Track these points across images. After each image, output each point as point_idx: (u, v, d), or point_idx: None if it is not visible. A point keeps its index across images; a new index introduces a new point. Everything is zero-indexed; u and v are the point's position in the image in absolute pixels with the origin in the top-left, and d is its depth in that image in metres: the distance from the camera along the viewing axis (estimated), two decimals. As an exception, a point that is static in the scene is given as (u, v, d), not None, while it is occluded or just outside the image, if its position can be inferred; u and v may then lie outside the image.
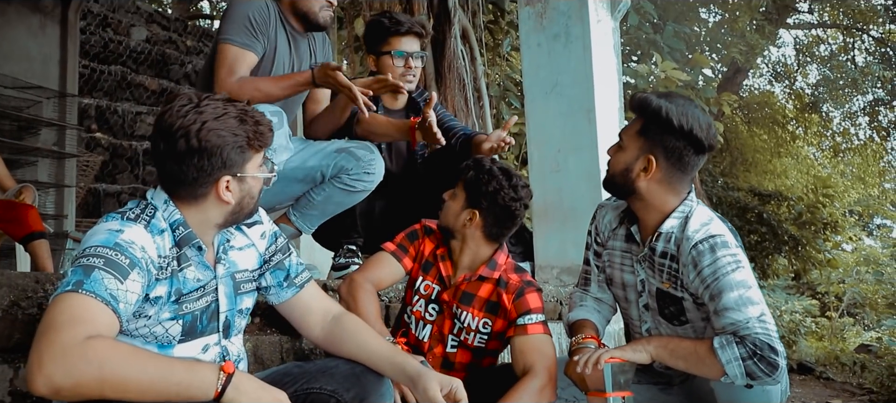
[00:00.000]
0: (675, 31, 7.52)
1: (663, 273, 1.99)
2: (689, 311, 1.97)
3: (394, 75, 2.84)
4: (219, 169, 1.50)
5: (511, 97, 7.23)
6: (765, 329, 1.80)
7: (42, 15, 6.06)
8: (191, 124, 1.46)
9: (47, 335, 1.24)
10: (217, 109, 1.50)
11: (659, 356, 1.92)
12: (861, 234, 16.38)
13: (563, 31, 3.95)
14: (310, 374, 1.63)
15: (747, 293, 1.84)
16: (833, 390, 5.36)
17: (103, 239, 1.40)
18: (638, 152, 1.98)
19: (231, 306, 1.63)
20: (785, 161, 14.63)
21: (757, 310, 1.82)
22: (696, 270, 1.88)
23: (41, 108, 5.92)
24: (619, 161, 2.02)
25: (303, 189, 2.61)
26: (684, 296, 1.96)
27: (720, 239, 1.89)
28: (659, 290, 2.01)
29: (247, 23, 2.45)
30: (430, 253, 2.18)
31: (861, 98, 13.92)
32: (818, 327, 12.93)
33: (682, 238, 1.93)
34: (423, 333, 2.16)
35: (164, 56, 8.66)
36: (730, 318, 1.82)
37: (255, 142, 1.53)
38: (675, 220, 1.98)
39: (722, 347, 1.81)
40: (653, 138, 1.96)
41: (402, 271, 2.17)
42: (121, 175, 7.16)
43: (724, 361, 1.79)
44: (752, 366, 1.77)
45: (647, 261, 2.04)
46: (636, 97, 2.03)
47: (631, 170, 1.99)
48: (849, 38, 13.62)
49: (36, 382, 1.20)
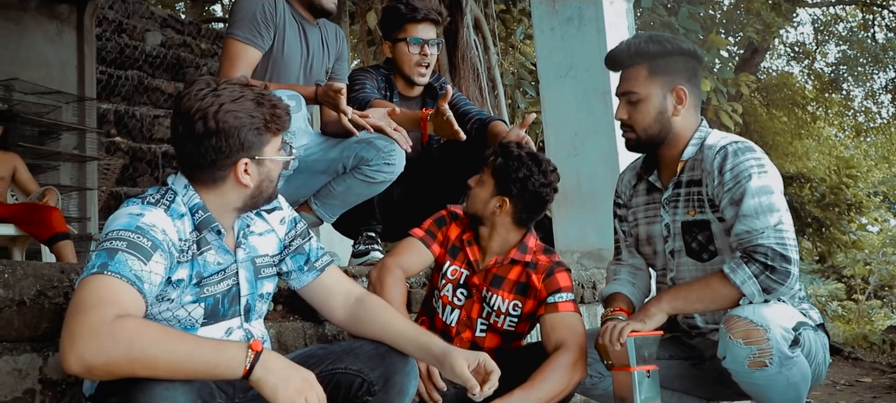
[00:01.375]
0: (690, 13, 7.43)
1: (688, 203, 1.98)
2: (717, 238, 1.94)
3: (409, 62, 2.84)
4: (237, 151, 1.50)
5: (526, 85, 7.21)
6: (779, 237, 1.80)
7: (58, 21, 6.14)
8: (208, 106, 1.47)
9: (77, 315, 1.26)
10: (234, 92, 1.51)
11: (674, 307, 1.91)
12: (887, 215, 16.16)
13: (577, 15, 3.93)
14: (335, 355, 1.64)
15: (769, 199, 1.82)
16: (862, 369, 5.30)
17: (125, 222, 1.41)
18: (662, 92, 1.98)
19: (252, 290, 1.64)
20: (806, 142, 14.43)
21: (775, 218, 1.81)
22: (720, 174, 1.87)
23: (61, 113, 6.00)
24: (646, 112, 1.99)
25: (325, 180, 2.62)
26: (710, 218, 1.94)
27: (744, 145, 1.89)
28: (684, 224, 1.99)
29: (252, 17, 2.46)
30: (456, 238, 2.19)
31: (883, 75, 13.70)
32: (845, 310, 12.79)
33: (704, 153, 1.93)
34: (451, 318, 2.15)
35: (179, 59, 8.74)
36: (747, 225, 1.82)
37: (272, 124, 1.53)
38: (694, 146, 1.99)
39: (733, 271, 1.81)
40: (670, 71, 1.97)
41: (431, 257, 2.17)
42: (141, 178, 7.23)
43: (739, 283, 1.80)
44: (765, 281, 1.79)
45: (671, 202, 2.03)
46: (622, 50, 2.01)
47: (664, 111, 1.99)
48: (868, 15, 13.40)
49: (69, 360, 1.23)
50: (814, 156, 14.51)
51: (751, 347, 1.72)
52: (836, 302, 12.96)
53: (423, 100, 2.98)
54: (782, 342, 1.71)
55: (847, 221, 11.66)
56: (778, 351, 1.71)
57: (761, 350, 1.71)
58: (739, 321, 1.74)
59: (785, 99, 13.67)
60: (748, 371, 1.75)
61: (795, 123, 13.81)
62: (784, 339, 1.72)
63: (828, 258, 12.40)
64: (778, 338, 1.71)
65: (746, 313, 1.75)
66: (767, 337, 1.70)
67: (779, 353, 1.71)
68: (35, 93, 5.74)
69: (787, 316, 1.78)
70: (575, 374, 1.93)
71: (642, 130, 2.01)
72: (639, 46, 1.99)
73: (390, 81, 2.92)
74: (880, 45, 12.68)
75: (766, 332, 1.71)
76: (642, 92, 1.98)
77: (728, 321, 1.77)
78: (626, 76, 2.02)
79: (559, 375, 1.90)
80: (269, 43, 2.51)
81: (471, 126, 2.90)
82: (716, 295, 1.85)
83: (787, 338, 1.73)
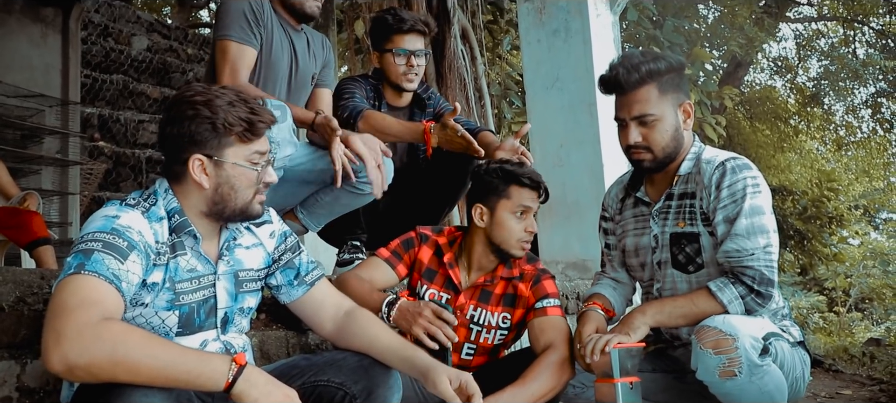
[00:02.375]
0: (674, 27, 7.51)
1: (679, 215, 2.00)
2: (705, 251, 1.96)
3: (396, 72, 2.84)
4: (189, 144, 1.50)
5: (512, 96, 7.24)
6: (767, 260, 1.85)
7: (43, 24, 6.09)
8: (183, 95, 1.49)
9: (61, 316, 1.25)
10: (218, 92, 1.51)
11: (657, 321, 1.93)
12: (867, 228, 16.34)
13: (563, 26, 3.96)
14: (317, 367, 1.63)
15: (761, 220, 1.86)
16: (842, 381, 5.33)
17: (100, 224, 1.41)
18: (673, 108, 1.98)
19: (231, 303, 1.62)
20: (788, 156, 14.57)
21: (764, 240, 1.85)
22: (718, 189, 1.89)
23: (44, 117, 5.94)
24: (664, 132, 1.96)
25: (311, 190, 2.61)
26: (700, 231, 1.95)
27: (742, 162, 1.92)
28: (672, 235, 2.01)
29: (241, 17, 2.44)
30: (430, 260, 2.18)
31: (863, 90, 13.87)
32: (826, 322, 12.89)
33: (701, 167, 1.95)
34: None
35: (165, 64, 8.69)
36: (737, 244, 1.85)
37: (237, 127, 1.50)
38: (690, 160, 2.01)
39: (720, 289, 1.86)
40: (675, 89, 1.98)
41: (396, 278, 2.17)
42: (124, 183, 7.17)
43: (726, 302, 1.84)
44: (750, 302, 1.85)
45: (661, 213, 2.04)
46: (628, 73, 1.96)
47: (678, 127, 1.99)
48: (849, 31, 13.58)
49: (52, 360, 1.22)
50: (796, 170, 14.65)
51: (720, 356, 1.74)
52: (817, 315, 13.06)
53: (411, 110, 2.99)
54: (751, 351, 1.73)
55: (828, 234, 11.79)
56: (747, 360, 1.73)
57: (730, 359, 1.73)
58: (709, 331, 1.77)
59: (768, 112, 13.80)
60: (720, 382, 1.77)
61: (778, 136, 13.94)
62: (753, 348, 1.74)
63: (809, 270, 12.53)
64: (747, 347, 1.73)
65: (716, 323, 1.78)
66: (736, 347, 1.72)
67: (748, 362, 1.73)
68: (18, 96, 5.68)
69: (757, 326, 1.81)
70: (564, 373, 1.97)
71: (660, 150, 1.97)
72: (648, 66, 1.95)
73: (379, 91, 2.91)
74: (860, 60, 12.84)
75: (735, 341, 1.73)
76: (657, 112, 1.94)
77: (699, 331, 1.80)
78: (634, 98, 1.96)
79: (549, 373, 1.94)
80: (259, 42, 2.49)
81: (459, 136, 2.89)
82: (699, 312, 1.87)
83: (757, 347, 1.75)
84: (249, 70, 2.46)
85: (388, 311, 1.93)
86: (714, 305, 1.86)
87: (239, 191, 1.55)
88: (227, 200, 1.55)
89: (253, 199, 1.58)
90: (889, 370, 5.22)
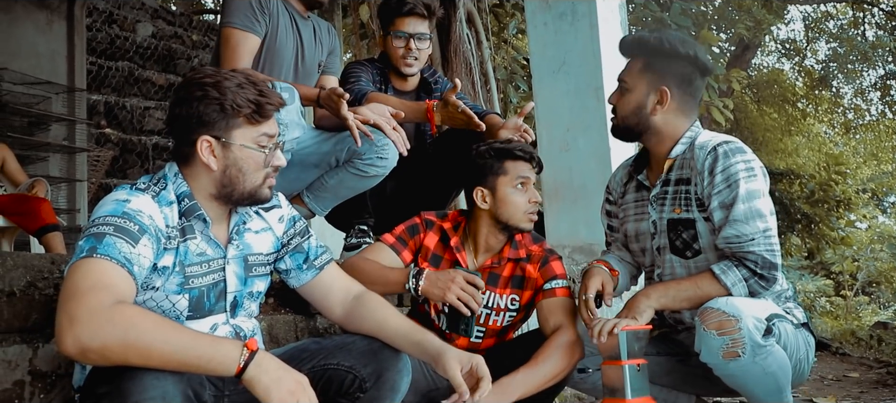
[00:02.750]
0: (682, 9, 7.46)
1: (675, 201, 2.00)
2: (702, 236, 1.96)
3: (396, 55, 2.84)
4: (197, 125, 1.50)
5: (518, 80, 7.21)
6: (769, 245, 1.85)
7: (48, 11, 6.10)
8: (192, 77, 1.50)
9: (75, 298, 1.26)
10: (225, 73, 1.52)
11: (662, 304, 1.94)
12: (875, 212, 16.27)
13: (570, 10, 3.93)
14: (327, 350, 1.64)
15: (757, 204, 1.86)
16: (850, 364, 5.33)
17: (111, 209, 1.42)
18: (647, 88, 2.02)
19: (240, 287, 1.63)
20: (796, 139, 14.52)
21: (763, 224, 1.85)
22: (711, 174, 1.89)
23: (50, 104, 5.96)
24: (628, 102, 2.05)
25: (317, 174, 2.61)
26: (696, 217, 1.96)
27: (735, 146, 1.91)
28: (669, 221, 2.01)
29: (247, 4, 2.45)
30: (436, 246, 2.18)
31: (872, 72, 13.78)
32: (833, 306, 12.88)
33: (695, 153, 1.95)
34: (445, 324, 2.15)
35: (170, 51, 8.68)
36: (737, 230, 1.85)
37: (245, 108, 1.51)
38: (683, 145, 2.01)
39: (723, 272, 1.86)
40: (660, 70, 2.00)
41: (401, 263, 2.17)
42: (131, 170, 7.18)
43: (730, 284, 1.85)
44: (754, 285, 1.85)
45: (659, 199, 2.05)
46: (627, 39, 2.07)
47: (643, 106, 2.02)
48: (858, 13, 13.46)
49: (65, 342, 1.23)
50: (803, 153, 14.59)
51: (724, 337, 1.74)
52: (824, 298, 13.05)
53: (418, 94, 2.98)
54: (754, 331, 1.74)
55: (836, 218, 11.74)
56: (750, 340, 1.73)
57: (733, 340, 1.74)
58: (713, 312, 1.78)
59: (775, 95, 13.74)
60: (723, 363, 1.77)
61: (786, 120, 13.88)
62: (756, 329, 1.74)
63: (816, 254, 12.49)
64: (750, 328, 1.73)
65: (719, 305, 1.78)
66: (739, 327, 1.73)
67: (751, 342, 1.73)
68: (24, 84, 5.70)
69: (761, 307, 1.82)
70: (574, 353, 1.99)
71: (621, 118, 2.07)
72: (640, 39, 2.04)
73: (385, 75, 2.91)
74: (870, 42, 12.75)
75: (738, 322, 1.73)
76: (631, 83, 2.04)
77: (702, 313, 1.81)
78: (626, 65, 2.08)
79: (560, 354, 1.96)
80: (264, 30, 2.50)
81: (465, 120, 2.89)
82: (703, 295, 1.88)
83: (760, 328, 1.75)
84: (252, 57, 2.47)
85: (416, 282, 1.95)
86: (718, 288, 1.86)
87: (247, 173, 1.55)
88: (235, 183, 1.55)
89: (263, 183, 1.58)
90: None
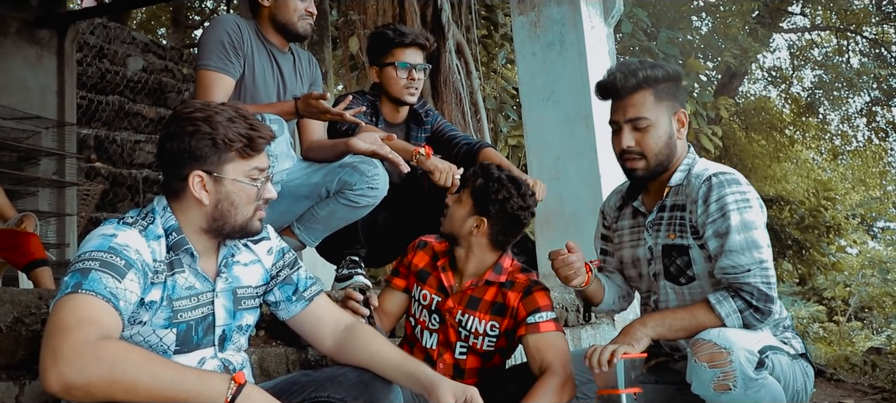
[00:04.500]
0: (669, 38, 7.56)
1: (670, 227, 1.99)
2: (696, 263, 1.95)
3: (397, 86, 2.85)
4: (188, 160, 1.50)
5: (508, 109, 7.25)
6: (765, 277, 1.84)
7: (39, 46, 6.11)
8: (182, 111, 1.50)
9: (59, 335, 1.25)
10: (218, 108, 1.52)
11: (658, 333, 1.92)
12: (865, 237, 16.34)
13: (558, 39, 3.97)
14: (318, 382, 1.62)
15: (754, 235, 1.85)
16: (844, 390, 5.31)
17: (97, 243, 1.41)
18: (668, 116, 1.98)
19: (229, 320, 1.61)
20: (785, 166, 14.61)
21: (760, 255, 1.84)
22: (705, 204, 1.88)
23: (40, 139, 5.94)
24: (658, 137, 1.96)
25: (308, 205, 2.61)
26: (690, 244, 1.94)
27: (731, 177, 1.90)
28: (664, 247, 2.00)
29: (220, 46, 2.44)
30: (426, 264, 2.21)
31: (858, 99, 13.94)
32: (826, 332, 12.86)
33: (691, 181, 1.94)
34: (430, 342, 2.16)
35: (160, 84, 8.70)
36: (733, 260, 1.84)
37: (237, 143, 1.51)
38: (682, 172, 2.00)
39: (719, 302, 1.85)
40: (671, 97, 1.98)
41: (404, 297, 2.25)
42: (121, 203, 7.16)
43: (724, 315, 1.84)
44: (749, 317, 1.84)
45: (654, 225, 2.04)
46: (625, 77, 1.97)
47: (672, 135, 1.99)
48: (842, 41, 13.67)
49: (49, 380, 1.21)
50: (792, 179, 14.69)
51: (715, 370, 1.72)
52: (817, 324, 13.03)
53: (407, 126, 2.99)
54: (746, 364, 1.71)
55: (826, 243, 11.79)
56: (742, 374, 1.71)
57: (725, 372, 1.71)
58: (704, 344, 1.75)
59: (763, 122, 13.87)
60: (715, 395, 1.75)
61: (774, 146, 13.99)
62: (748, 361, 1.72)
63: (808, 280, 12.51)
64: (742, 361, 1.71)
65: (711, 336, 1.76)
66: (730, 360, 1.70)
67: (743, 375, 1.71)
68: (14, 119, 5.69)
69: (754, 339, 1.79)
70: (564, 396, 1.93)
71: (653, 156, 1.97)
72: (645, 72, 1.96)
73: (376, 107, 2.92)
74: (854, 69, 12.91)
75: (730, 354, 1.71)
76: (652, 117, 1.95)
77: (694, 345, 1.78)
78: (630, 102, 1.97)
79: (549, 399, 1.90)
80: (239, 70, 2.50)
81: (457, 151, 2.90)
82: (699, 324, 1.86)
83: (752, 360, 1.73)
84: (227, 98, 2.45)
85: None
86: (713, 318, 1.85)
87: (239, 207, 1.55)
88: (227, 216, 1.54)
89: (254, 216, 1.58)
90: (891, 378, 5.21)
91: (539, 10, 4.02)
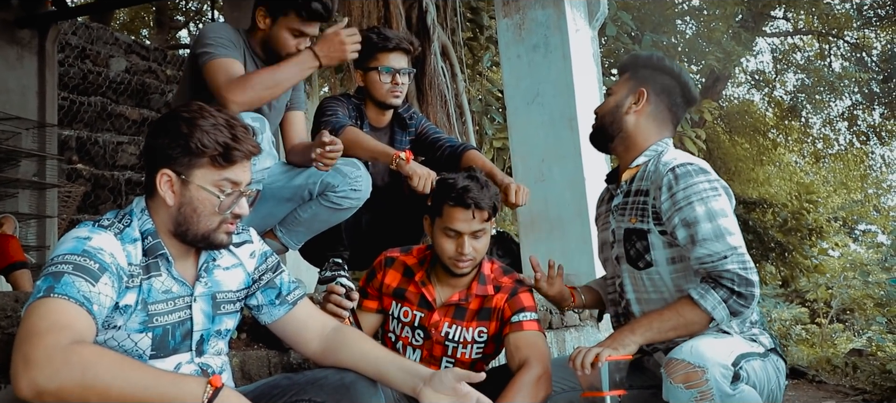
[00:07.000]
0: (653, 41, 7.60)
1: (632, 211, 2.00)
2: (655, 248, 1.96)
3: (381, 91, 2.84)
4: (161, 158, 1.49)
5: (493, 112, 7.25)
6: (742, 262, 1.84)
7: (19, 46, 6.04)
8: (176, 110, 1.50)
9: (31, 340, 1.22)
10: (208, 112, 1.50)
11: (647, 338, 1.90)
12: (846, 240, 16.50)
13: (543, 42, 3.98)
14: (299, 386, 1.59)
15: (723, 222, 1.85)
16: (826, 392, 5.37)
17: (71, 246, 1.38)
18: (627, 91, 2.09)
19: (207, 325, 1.59)
20: (767, 169, 14.74)
21: (733, 241, 1.85)
22: (670, 192, 1.89)
23: (20, 140, 5.87)
24: (608, 104, 2.12)
25: (290, 208, 2.59)
26: (650, 228, 1.95)
27: (697, 166, 1.92)
28: (626, 231, 2.01)
29: (227, 38, 2.45)
30: (399, 281, 2.15)
31: (840, 103, 14.11)
32: (809, 334, 12.97)
33: (657, 167, 1.96)
34: (413, 357, 2.13)
35: (144, 86, 8.64)
36: (708, 249, 1.84)
37: (209, 149, 1.47)
38: (647, 156, 2.03)
39: (702, 296, 1.84)
40: (643, 76, 2.09)
41: (377, 317, 2.18)
42: (103, 205, 7.09)
43: (710, 309, 1.83)
44: (734, 305, 1.83)
45: (619, 209, 2.06)
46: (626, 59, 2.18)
47: (621, 105, 2.09)
48: (824, 45, 13.82)
49: (20, 385, 1.19)
50: (775, 182, 14.82)
51: (692, 391, 1.70)
52: (799, 326, 13.15)
53: (391, 129, 2.98)
54: (722, 380, 1.70)
55: (809, 246, 11.89)
56: (719, 391, 1.69)
57: (702, 392, 1.69)
58: (678, 364, 1.73)
59: (746, 126, 13.97)
60: None
61: (757, 150, 14.11)
62: (724, 377, 1.70)
63: (791, 282, 12.61)
64: (717, 377, 1.69)
65: (683, 354, 1.73)
66: (706, 379, 1.69)
67: (719, 393, 1.69)
68: (-6, 120, 5.62)
69: (726, 350, 1.77)
70: (541, 390, 1.92)
71: (599, 117, 2.14)
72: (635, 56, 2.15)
73: (361, 111, 2.91)
74: (836, 73, 13.06)
75: (705, 373, 1.69)
76: (614, 89, 2.13)
77: (668, 365, 1.76)
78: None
79: (526, 393, 1.89)
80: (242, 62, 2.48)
81: (441, 153, 2.89)
82: (687, 322, 1.86)
83: (727, 375, 1.71)
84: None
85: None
86: (699, 313, 1.84)
87: (201, 215, 1.51)
88: (189, 222, 1.51)
89: (218, 228, 1.53)
90: (872, 380, 5.26)
91: (524, 12, 4.03)
